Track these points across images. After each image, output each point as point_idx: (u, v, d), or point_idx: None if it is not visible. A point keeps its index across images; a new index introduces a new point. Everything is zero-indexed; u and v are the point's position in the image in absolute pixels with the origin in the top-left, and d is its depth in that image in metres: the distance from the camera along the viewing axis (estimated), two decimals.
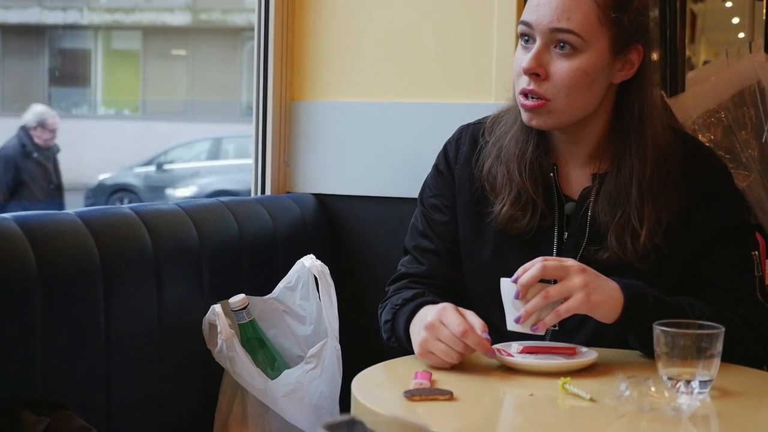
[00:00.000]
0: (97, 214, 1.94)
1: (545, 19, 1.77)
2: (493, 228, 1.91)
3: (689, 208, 1.84)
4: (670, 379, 1.52)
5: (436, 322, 1.69)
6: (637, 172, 1.82)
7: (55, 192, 7.90)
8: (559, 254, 1.85)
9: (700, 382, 1.51)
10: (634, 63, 1.84)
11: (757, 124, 3.03)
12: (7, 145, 7.75)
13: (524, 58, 1.80)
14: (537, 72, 1.78)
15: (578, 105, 1.81)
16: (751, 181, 2.98)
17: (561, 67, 1.78)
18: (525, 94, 1.81)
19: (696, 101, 3.08)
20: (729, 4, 9.20)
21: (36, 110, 7.96)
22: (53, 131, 7.87)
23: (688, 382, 1.50)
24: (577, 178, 1.91)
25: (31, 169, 7.69)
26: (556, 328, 1.84)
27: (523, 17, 1.82)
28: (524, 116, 1.83)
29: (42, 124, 7.73)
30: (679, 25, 3.39)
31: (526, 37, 1.82)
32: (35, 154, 7.68)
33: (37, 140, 7.68)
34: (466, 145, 1.98)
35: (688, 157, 1.87)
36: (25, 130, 7.68)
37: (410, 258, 2.01)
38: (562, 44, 1.77)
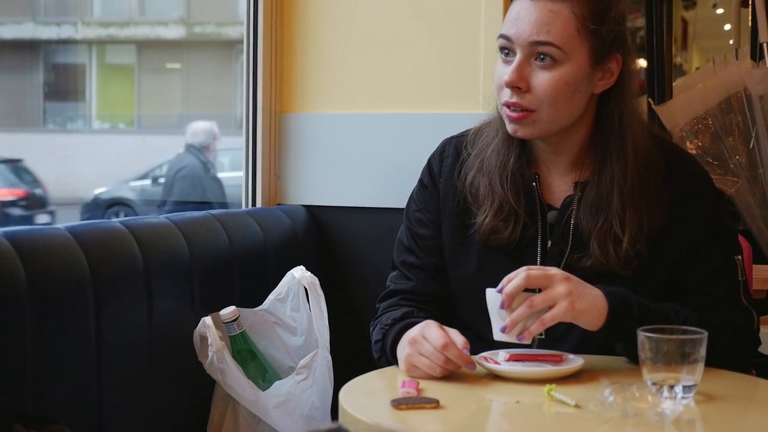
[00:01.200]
0: (86, 228, 1.95)
1: (525, 33, 1.79)
2: (477, 239, 1.92)
3: (670, 215, 1.86)
4: (654, 384, 1.53)
5: (419, 337, 1.73)
6: (618, 180, 1.84)
7: (224, 203, 7.96)
8: (543, 263, 1.87)
9: (684, 387, 1.52)
10: (614, 72, 1.86)
11: (745, 131, 3.05)
12: (189, 165, 7.70)
13: (505, 71, 1.82)
14: (519, 85, 1.80)
15: (561, 115, 1.83)
16: (739, 187, 3.00)
17: (542, 78, 1.79)
18: (508, 106, 1.83)
19: (684, 108, 3.11)
20: (720, 11, 9.24)
21: (201, 127, 7.90)
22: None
23: (672, 386, 1.51)
24: (559, 187, 1.92)
25: (211, 184, 7.74)
26: (543, 336, 1.86)
27: (503, 31, 1.83)
28: (509, 127, 1.85)
29: (214, 138, 7.74)
30: (666, 34, 3.42)
31: (506, 50, 1.83)
32: (211, 170, 7.71)
33: (210, 156, 7.70)
34: (449, 158, 2.00)
35: (669, 164, 1.89)
36: (197, 148, 7.61)
37: (398, 273, 2.02)
38: (542, 56, 1.79)
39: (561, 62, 1.79)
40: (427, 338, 1.71)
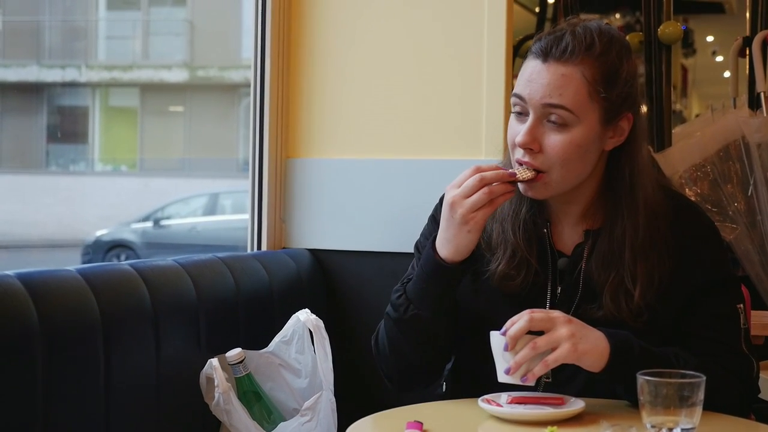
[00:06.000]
0: (97, 270, 1.98)
1: (537, 94, 1.82)
2: (489, 285, 1.95)
3: (678, 263, 1.89)
4: (653, 426, 1.55)
5: (454, 198, 1.82)
6: (629, 234, 1.86)
7: None
8: (552, 309, 1.89)
9: (683, 429, 1.54)
10: (625, 130, 1.88)
11: (743, 178, 3.09)
12: None
13: (518, 130, 1.84)
14: (531, 146, 1.82)
15: (572, 175, 1.86)
16: (738, 234, 3.03)
17: (554, 140, 1.82)
18: (520, 164, 1.85)
19: (683, 156, 3.15)
20: (719, 59, 9.33)
21: None
22: None
23: (671, 429, 1.54)
24: (569, 235, 1.95)
25: None
26: (549, 379, 1.88)
27: (516, 90, 1.86)
28: (520, 187, 1.87)
29: None
30: (665, 81, 3.46)
31: (519, 109, 1.86)
32: None
33: None
34: None
35: (677, 214, 1.92)
36: None
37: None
38: (554, 118, 1.82)
39: (572, 125, 1.82)
40: (458, 186, 1.82)
